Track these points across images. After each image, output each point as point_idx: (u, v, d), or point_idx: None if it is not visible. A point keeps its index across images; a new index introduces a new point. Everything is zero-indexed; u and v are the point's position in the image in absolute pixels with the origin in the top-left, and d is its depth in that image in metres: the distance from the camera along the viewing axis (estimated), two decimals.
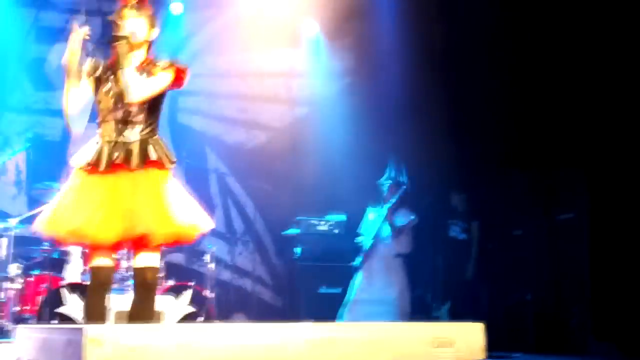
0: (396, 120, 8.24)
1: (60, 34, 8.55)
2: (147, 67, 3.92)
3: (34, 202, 7.28)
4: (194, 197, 7.92)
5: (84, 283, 6.39)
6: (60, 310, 6.13)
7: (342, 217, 8.12)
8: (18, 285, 6.44)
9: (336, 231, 8.03)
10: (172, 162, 3.89)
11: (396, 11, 8.30)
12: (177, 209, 3.78)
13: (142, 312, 3.89)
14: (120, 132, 3.85)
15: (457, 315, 7.16)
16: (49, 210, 3.86)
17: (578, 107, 6.87)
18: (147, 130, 3.88)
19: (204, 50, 9.00)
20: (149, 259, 3.84)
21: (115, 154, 3.79)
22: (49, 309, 6.13)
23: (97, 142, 3.86)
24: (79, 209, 3.74)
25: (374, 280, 7.17)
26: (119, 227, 3.71)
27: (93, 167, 3.80)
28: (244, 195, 8.91)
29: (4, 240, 6.54)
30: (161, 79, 3.89)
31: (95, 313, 3.84)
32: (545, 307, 7.15)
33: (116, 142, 3.83)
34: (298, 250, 8.01)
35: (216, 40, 8.97)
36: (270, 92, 9.11)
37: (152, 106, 3.91)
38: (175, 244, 4.01)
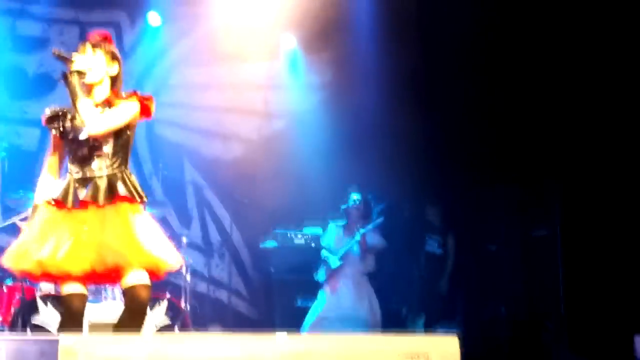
0: (372, 134, 8.28)
1: (37, 43, 8.56)
2: (111, 101, 3.91)
3: (9, 211, 7.21)
4: (171, 209, 7.94)
5: (59, 294, 6.34)
6: (35, 320, 6.07)
7: (319, 231, 8.13)
8: None
9: (313, 244, 8.04)
10: (142, 198, 3.86)
11: (374, 26, 8.36)
12: (147, 243, 3.76)
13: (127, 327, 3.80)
14: (87, 167, 3.83)
15: (432, 329, 7.19)
16: (15, 244, 3.84)
17: (552, 123, 6.95)
18: (115, 164, 3.85)
19: (181, 62, 9.00)
20: (140, 276, 3.73)
21: (84, 191, 3.78)
22: (22, 320, 6.07)
23: (66, 178, 3.86)
24: (45, 242, 3.72)
25: (341, 298, 7.11)
26: (88, 259, 3.68)
27: (60, 203, 3.79)
28: (221, 208, 8.89)
29: None
30: (123, 110, 3.85)
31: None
32: (519, 321, 7.21)
33: (84, 178, 3.82)
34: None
35: (194, 52, 8.97)
36: (247, 105, 9.11)
37: (119, 139, 3.87)
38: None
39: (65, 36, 8.67)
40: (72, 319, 3.83)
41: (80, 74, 3.82)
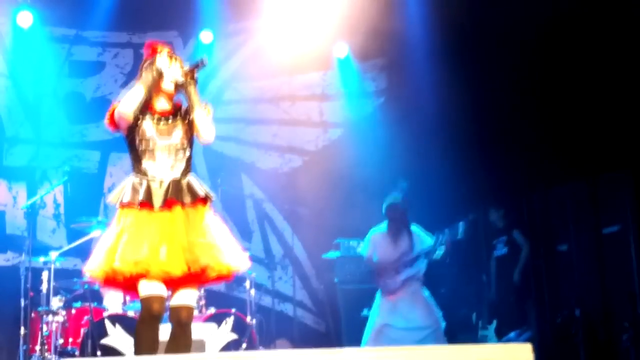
0: (430, 139, 8.16)
1: (93, 67, 8.68)
2: (180, 109, 4.08)
3: (74, 235, 7.32)
4: (232, 223, 7.94)
5: (126, 314, 6.39)
6: (104, 341, 6.11)
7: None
8: (60, 318, 6.45)
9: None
10: (211, 198, 3.99)
11: (427, 31, 8.25)
12: (223, 244, 3.88)
13: (176, 349, 3.88)
14: (166, 170, 3.92)
15: (504, 334, 7.01)
16: (102, 253, 3.85)
17: (618, 115, 6.74)
18: (188, 168, 3.99)
19: (235, 77, 9.03)
20: (186, 298, 3.88)
21: (168, 192, 3.86)
22: (92, 341, 6.12)
23: (141, 180, 3.89)
24: (141, 244, 3.76)
25: (397, 305, 6.89)
26: (184, 259, 3.75)
27: (146, 204, 3.84)
28: (281, 220, 8.86)
29: (45, 274, 6.57)
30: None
31: (146, 346, 3.80)
32: (595, 323, 6.98)
33: (163, 181, 3.90)
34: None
35: (247, 66, 8.99)
36: (302, 116, 9.09)
37: (190, 147, 4.03)
38: (220, 280, 4.00)
39: (120, 59, 8.78)
40: (149, 321, 3.82)
41: (197, 83, 4.04)
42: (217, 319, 6.44)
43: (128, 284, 3.86)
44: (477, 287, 7.80)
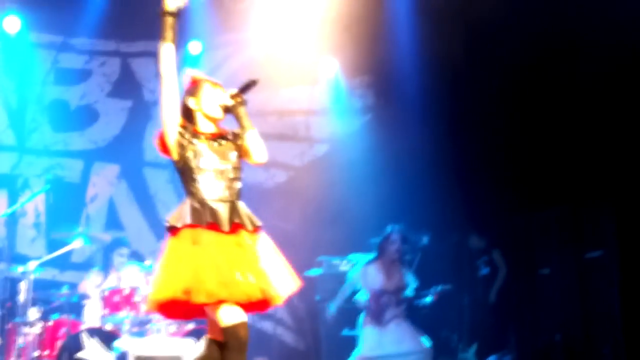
0: (416, 158, 8.15)
1: (79, 75, 8.62)
2: (226, 133, 4.04)
3: (54, 245, 7.23)
4: None
5: (103, 328, 6.32)
6: (80, 355, 6.04)
7: (363, 258, 7.97)
8: (37, 329, 6.37)
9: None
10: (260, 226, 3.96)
11: (416, 49, 8.25)
12: (280, 271, 3.85)
13: None
14: (222, 193, 3.83)
15: (484, 357, 6.99)
16: (170, 274, 3.67)
17: (604, 142, 6.76)
18: (239, 193, 3.93)
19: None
20: (238, 313, 3.67)
21: (234, 215, 3.80)
22: (68, 354, 6.05)
23: (200, 203, 3.78)
24: (220, 267, 3.64)
25: (383, 336, 6.82)
26: (257, 284, 3.68)
27: (214, 226, 3.74)
28: (264, 235, 8.79)
29: (23, 284, 6.49)
30: None
31: None
32: (575, 349, 6.97)
33: (225, 202, 3.82)
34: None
35: (234, 79, 8.81)
36: (289, 130, 9.05)
37: (241, 170, 3.98)
38: (271, 306, 3.89)
39: (106, 68, 8.72)
40: (241, 348, 3.63)
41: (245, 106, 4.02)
42: (196, 334, 6.37)
43: (194, 309, 3.72)
44: (458, 309, 7.77)
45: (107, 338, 6.24)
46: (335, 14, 8.20)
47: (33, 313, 6.42)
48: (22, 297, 6.46)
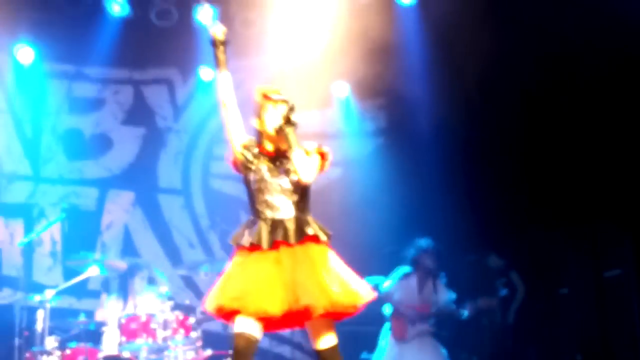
0: (430, 180, 8.13)
1: (93, 104, 8.68)
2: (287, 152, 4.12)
3: (70, 272, 7.23)
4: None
5: (121, 355, 6.30)
6: None
7: (381, 280, 7.94)
8: (55, 358, 6.35)
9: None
10: (328, 235, 4.08)
11: (428, 70, 8.27)
12: (335, 281, 3.91)
13: None
14: (277, 211, 4.02)
15: None
16: (216, 287, 3.98)
17: (622, 161, 6.73)
18: (301, 209, 4.08)
19: None
20: (329, 339, 3.97)
21: (276, 232, 3.96)
22: None
23: (255, 222, 4.02)
24: (242, 282, 3.86)
25: (406, 352, 6.78)
26: (284, 299, 3.83)
27: (255, 246, 3.96)
28: None
29: (40, 313, 6.48)
30: (316, 161, 4.16)
31: None
32: None
33: (274, 220, 3.99)
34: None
35: (247, 104, 8.94)
36: None
37: (303, 188, 4.13)
38: (339, 316, 3.99)
39: (120, 96, 8.77)
40: (237, 357, 3.83)
41: (296, 126, 4.09)
42: None
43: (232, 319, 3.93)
44: (476, 330, 7.71)
45: None
46: (347, 37, 8.23)
47: (50, 342, 6.41)
48: (39, 326, 6.46)
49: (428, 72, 8.28)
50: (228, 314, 3.88)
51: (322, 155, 4.18)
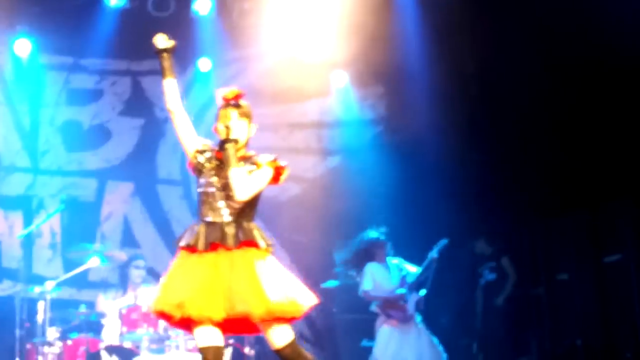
0: (429, 166, 8.13)
1: (91, 95, 8.67)
2: (248, 160, 4.08)
3: (70, 264, 7.24)
4: None
5: (122, 345, 6.31)
6: None
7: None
8: (57, 349, 6.38)
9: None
10: (269, 245, 3.99)
11: (426, 59, 8.25)
12: (273, 288, 3.84)
13: None
14: (217, 215, 3.96)
15: None
16: (158, 288, 4.00)
17: (620, 145, 6.73)
18: (244, 214, 3.99)
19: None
20: (281, 338, 3.89)
21: (213, 234, 3.91)
22: None
23: (197, 224, 3.98)
24: (183, 286, 3.82)
25: (404, 345, 6.75)
26: (222, 304, 3.78)
27: (192, 248, 3.93)
28: (280, 248, 8.75)
29: (41, 304, 6.50)
30: (264, 176, 4.04)
31: None
32: (596, 354, 6.91)
33: (214, 223, 3.93)
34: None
35: (245, 94, 8.95)
36: (301, 144, 9.06)
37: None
38: (279, 321, 3.91)
39: (118, 87, 8.76)
40: None
41: (237, 142, 4.00)
42: None
43: (179, 323, 3.90)
44: (471, 316, 7.73)
45: (126, 355, 6.24)
46: (344, 25, 8.22)
47: (52, 333, 6.44)
48: (40, 317, 6.48)
49: (427, 60, 8.26)
50: (170, 319, 3.84)
51: (277, 170, 4.08)
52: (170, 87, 4.06)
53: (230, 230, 3.92)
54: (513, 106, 7.60)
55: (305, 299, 3.92)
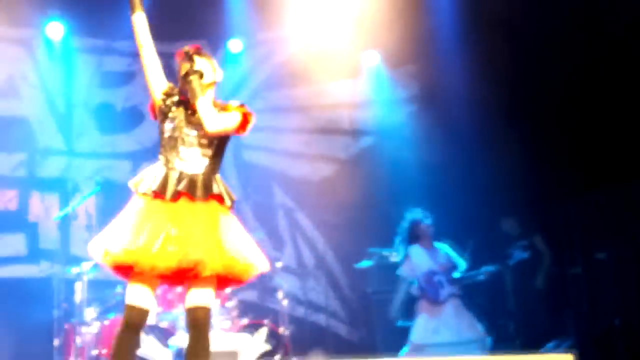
0: (462, 145, 8.07)
1: (124, 77, 8.70)
2: (216, 107, 3.98)
3: None
4: (263, 233, 7.89)
5: (159, 325, 6.36)
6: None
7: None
8: (94, 329, 6.43)
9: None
10: (233, 200, 3.93)
11: (459, 36, 8.17)
12: (232, 245, 3.80)
13: (196, 354, 3.79)
14: (186, 163, 3.88)
15: (542, 344, 6.87)
16: (107, 233, 3.83)
17: None
18: (212, 166, 3.93)
19: (264, 86, 9.00)
20: (201, 298, 3.79)
21: (181, 184, 3.82)
22: None
23: (161, 170, 3.87)
24: (140, 232, 3.71)
25: (441, 323, 6.72)
26: (176, 254, 3.69)
27: (158, 194, 3.82)
28: (313, 229, 8.79)
29: (79, 285, 6.56)
30: (233, 117, 3.94)
31: (123, 354, 3.72)
32: (635, 332, 6.83)
33: (182, 172, 3.86)
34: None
35: (276, 75, 8.96)
36: (333, 124, 9.03)
37: (219, 145, 3.96)
38: (228, 282, 3.89)
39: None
40: (129, 329, 3.75)
41: (201, 75, 3.92)
42: (250, 329, 6.39)
43: (123, 270, 3.79)
44: (503, 296, 7.67)
45: (163, 335, 6.28)
46: (376, 5, 8.15)
47: (89, 313, 6.49)
48: (78, 298, 6.54)
49: (459, 39, 8.18)
50: (119, 267, 3.73)
51: (244, 116, 3.94)
52: (140, 21, 4.05)
53: (200, 182, 3.84)
54: (546, 84, 7.50)
55: (259, 263, 3.87)
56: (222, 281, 3.84)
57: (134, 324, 3.75)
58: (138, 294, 3.74)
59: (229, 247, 3.77)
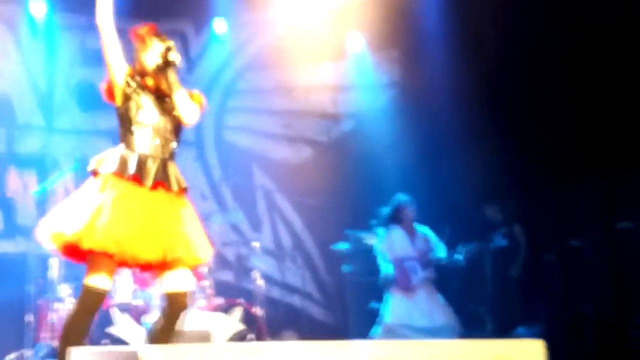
0: (444, 132, 8.09)
1: None
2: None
3: None
4: (242, 214, 7.89)
5: (134, 303, 6.38)
6: (111, 330, 6.10)
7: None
8: (68, 305, 6.43)
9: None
10: (186, 190, 3.98)
11: (442, 22, 8.17)
12: (197, 235, 3.88)
13: (169, 337, 3.80)
14: (157, 150, 3.89)
15: (512, 329, 6.95)
16: (80, 217, 3.67)
17: (634, 110, 6.65)
18: (173, 153, 3.96)
19: (248, 67, 8.99)
20: (183, 282, 3.83)
21: (160, 173, 3.82)
22: (99, 330, 6.11)
23: (131, 153, 3.83)
24: (124, 222, 3.67)
25: (414, 307, 6.77)
26: (161, 246, 3.71)
27: (138, 179, 3.78)
28: (291, 211, 8.82)
29: (54, 261, 6.55)
30: (199, 108, 4.00)
31: (75, 335, 3.65)
32: (606, 320, 6.90)
33: (153, 158, 3.85)
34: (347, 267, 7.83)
35: (260, 56, 8.94)
36: (315, 107, 9.04)
37: (180, 133, 4.01)
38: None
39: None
40: (87, 309, 3.71)
41: (176, 66, 3.93)
42: (225, 309, 6.42)
43: (84, 255, 3.71)
44: (481, 280, 7.74)
45: (137, 313, 6.30)
46: None
47: (64, 289, 6.49)
48: (53, 274, 6.54)
49: (443, 25, 8.18)
50: (92, 253, 3.62)
51: (200, 102, 4.02)
52: (104, 1, 4.04)
53: (172, 172, 3.87)
54: (529, 73, 7.52)
55: (207, 252, 3.93)
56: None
57: (91, 305, 3.70)
58: (100, 276, 3.69)
59: (195, 239, 3.85)
